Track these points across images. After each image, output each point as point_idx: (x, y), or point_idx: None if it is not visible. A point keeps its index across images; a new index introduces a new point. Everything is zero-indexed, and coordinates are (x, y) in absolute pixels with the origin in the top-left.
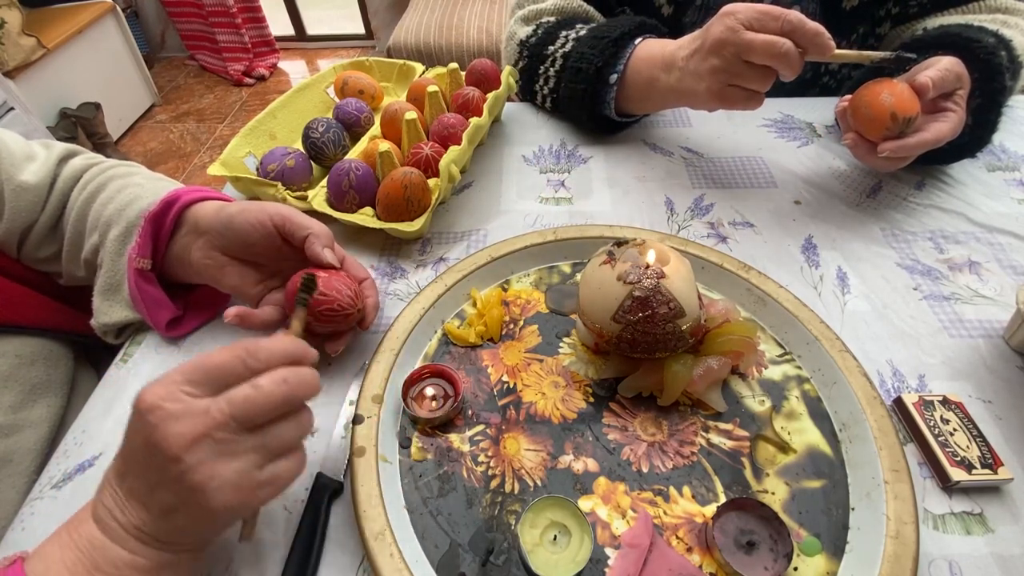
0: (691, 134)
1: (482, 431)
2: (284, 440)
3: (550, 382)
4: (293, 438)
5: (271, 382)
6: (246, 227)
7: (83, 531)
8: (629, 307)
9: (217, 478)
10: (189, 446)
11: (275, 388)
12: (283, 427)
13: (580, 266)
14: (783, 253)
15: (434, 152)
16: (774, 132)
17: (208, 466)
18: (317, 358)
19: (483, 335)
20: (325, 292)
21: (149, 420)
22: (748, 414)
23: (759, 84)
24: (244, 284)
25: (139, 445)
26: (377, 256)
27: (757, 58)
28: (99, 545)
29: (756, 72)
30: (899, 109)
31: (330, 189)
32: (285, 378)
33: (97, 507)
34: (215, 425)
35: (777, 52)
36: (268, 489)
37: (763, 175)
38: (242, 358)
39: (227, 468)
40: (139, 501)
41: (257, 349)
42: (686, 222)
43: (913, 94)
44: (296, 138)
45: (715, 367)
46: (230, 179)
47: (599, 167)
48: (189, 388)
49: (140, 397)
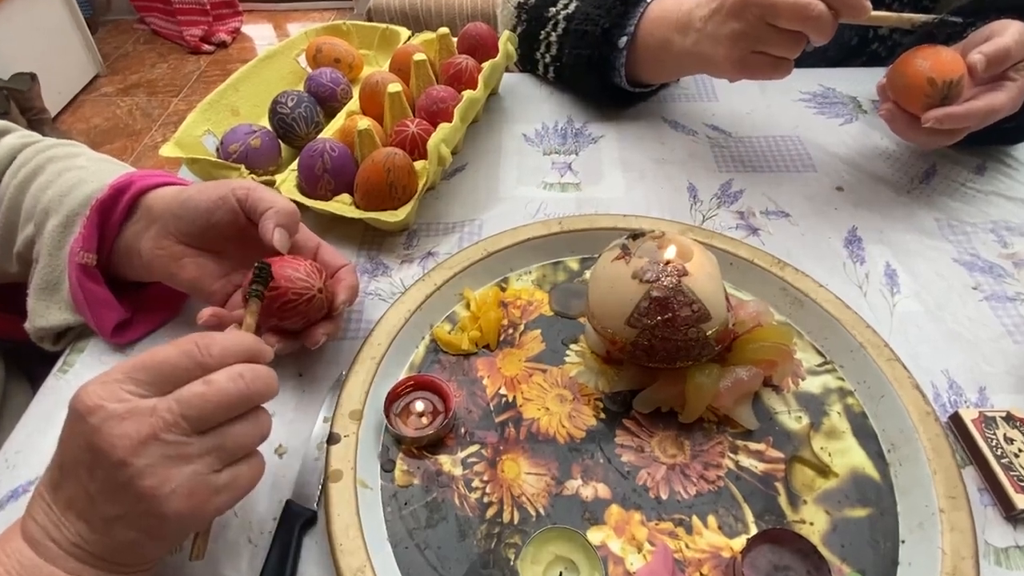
0: (717, 109)
1: (477, 452)
2: (241, 442)
3: (555, 396)
4: (250, 440)
5: (226, 378)
6: (206, 205)
7: (11, 549)
8: (646, 309)
9: (168, 483)
10: (136, 449)
11: (230, 385)
12: (239, 428)
13: (590, 262)
14: (823, 247)
15: (421, 130)
16: (813, 107)
17: (158, 470)
18: (272, 357)
19: (478, 341)
20: (275, 283)
21: (90, 422)
22: (783, 432)
23: (786, 51)
24: (204, 279)
25: (78, 450)
26: (356, 250)
27: (784, 22)
28: (30, 565)
29: (783, 37)
30: (937, 72)
31: (301, 173)
32: (241, 374)
33: (27, 525)
34: (164, 426)
35: (807, 15)
36: (225, 496)
37: (800, 157)
38: (192, 354)
39: (179, 472)
40: (78, 514)
41: (210, 343)
42: (712, 211)
43: (956, 56)
44: (262, 114)
45: (745, 378)
46: (186, 161)
47: (611, 147)
48: (133, 387)
49: (78, 397)
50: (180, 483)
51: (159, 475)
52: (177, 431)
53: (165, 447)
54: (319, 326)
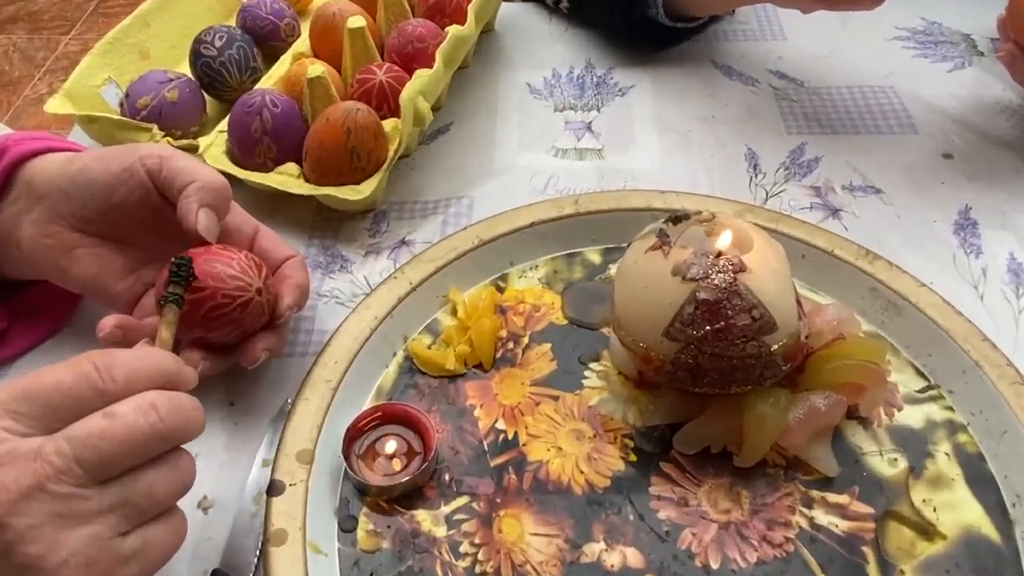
0: (785, 51)
1: (466, 506)
2: (154, 495)
3: (570, 431)
4: (167, 492)
5: (134, 410)
6: (106, 179)
7: None
8: (691, 317)
9: (59, 550)
10: (16, 505)
11: (140, 419)
12: (152, 476)
13: (616, 254)
14: (926, 234)
15: (392, 79)
16: (912, 48)
17: (46, 533)
18: (195, 382)
19: (467, 359)
20: (199, 281)
21: None
22: (873, 480)
23: None
24: (105, 276)
25: None
26: (306, 238)
27: None
28: None
29: None
30: None
31: (232, 135)
32: (154, 404)
33: None
34: (53, 474)
35: None
36: (133, 567)
37: (895, 114)
38: (90, 377)
39: (73, 536)
40: None
41: (112, 364)
42: (778, 186)
43: None
44: (181, 58)
45: (822, 408)
46: (80, 119)
47: (644, 102)
48: (10, 423)
49: None
50: (75, 550)
51: (47, 539)
52: (70, 480)
53: (54, 502)
54: (258, 339)
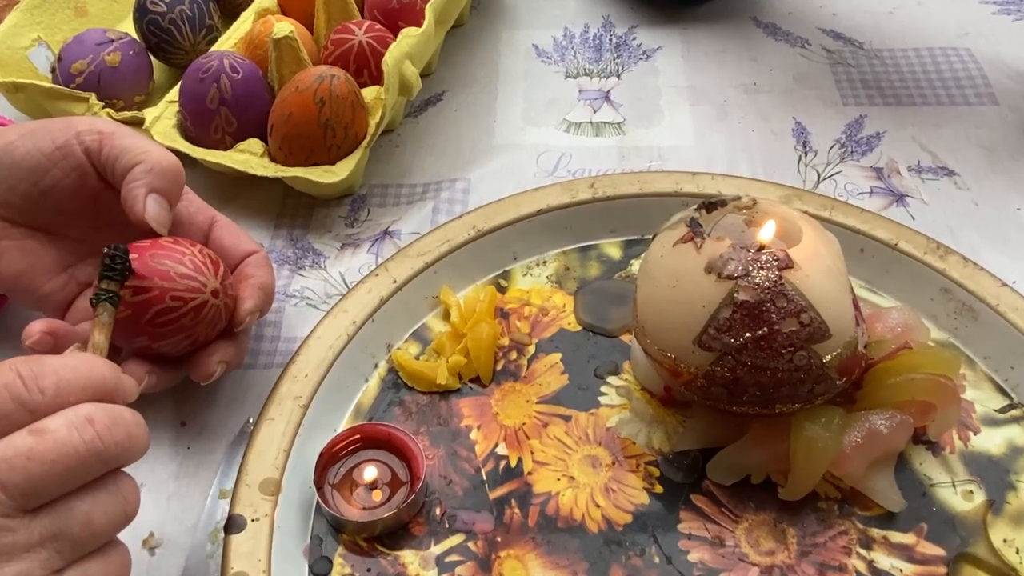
0: (841, 6)
1: (461, 546)
2: (93, 525)
3: (583, 457)
4: (107, 523)
5: (66, 425)
6: (35, 160)
7: None
8: (728, 322)
9: None
10: None
11: (73, 436)
12: (90, 503)
13: (639, 247)
14: (1007, 223)
15: (373, 39)
16: (992, 3)
17: None
18: (136, 394)
19: (463, 372)
20: (144, 280)
21: None
22: (944, 517)
23: None
24: (33, 273)
25: None
26: (271, 228)
27: None
28: None
29: None
30: None
31: (185, 107)
32: (90, 418)
33: None
34: None
35: None
36: None
37: (972, 82)
38: (14, 389)
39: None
40: None
41: (40, 372)
42: (832, 167)
43: None
44: (124, 14)
45: (884, 431)
46: (3, 87)
47: (673, 67)
48: None
49: None
50: None
51: None
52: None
53: None
54: (213, 349)
